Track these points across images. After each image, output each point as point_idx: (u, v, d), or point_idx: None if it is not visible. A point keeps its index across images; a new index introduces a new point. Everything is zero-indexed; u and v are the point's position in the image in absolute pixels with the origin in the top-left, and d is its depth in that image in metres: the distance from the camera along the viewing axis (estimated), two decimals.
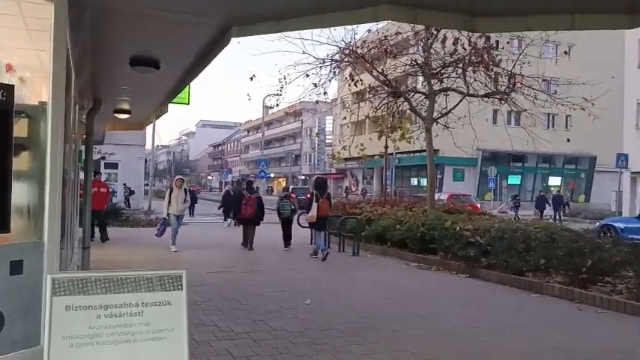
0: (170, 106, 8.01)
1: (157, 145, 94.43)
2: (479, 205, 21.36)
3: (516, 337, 5.73)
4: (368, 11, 3.91)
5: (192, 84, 15.97)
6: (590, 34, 28.21)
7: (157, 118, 9.02)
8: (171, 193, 12.19)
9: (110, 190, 15.58)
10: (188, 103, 20.91)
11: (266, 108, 28.59)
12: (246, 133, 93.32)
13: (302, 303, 6.98)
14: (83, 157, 8.11)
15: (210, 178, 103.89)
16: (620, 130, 29.03)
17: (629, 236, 14.83)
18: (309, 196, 12.68)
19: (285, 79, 14.15)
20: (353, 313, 6.53)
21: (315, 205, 11.47)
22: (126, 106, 8.08)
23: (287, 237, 13.01)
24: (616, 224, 17.60)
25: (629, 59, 29.18)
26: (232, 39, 4.39)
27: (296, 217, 14.18)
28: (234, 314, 6.27)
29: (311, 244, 12.59)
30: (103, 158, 23.20)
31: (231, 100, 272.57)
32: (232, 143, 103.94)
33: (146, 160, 34.27)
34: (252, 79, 14.21)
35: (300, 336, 5.42)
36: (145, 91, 6.88)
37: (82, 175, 7.50)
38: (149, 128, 26.46)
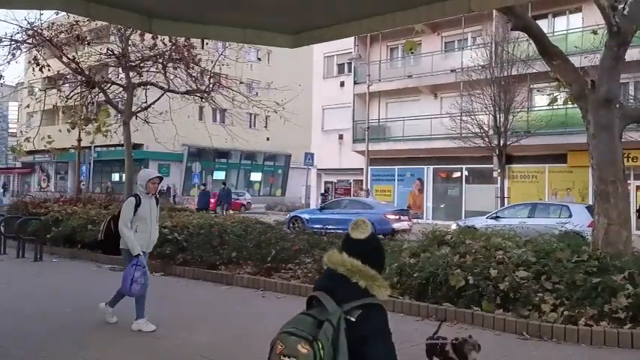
0: None
1: None
2: None
3: (201, 329, 5.95)
4: None
5: None
6: None
7: None
8: (138, 206, 5.96)
9: None
10: None
11: None
12: None
13: None
14: None
15: None
16: (309, 132, 32.91)
17: (313, 226, 16.87)
18: None
19: None
20: (30, 324, 5.86)
21: None
22: None
23: None
24: (302, 215, 19.81)
25: (317, 70, 33.29)
26: None
27: None
28: None
29: None
30: None
31: None
32: None
33: None
34: None
35: None
36: None
37: None
38: None
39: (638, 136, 16.80)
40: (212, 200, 26.26)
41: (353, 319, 2.14)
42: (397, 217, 18.20)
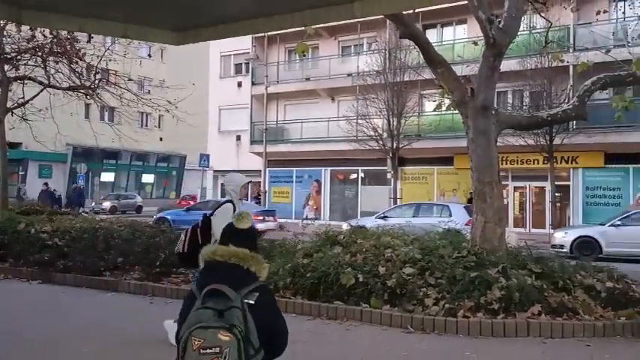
0: None
1: None
2: None
3: (88, 339, 5.62)
4: None
5: None
6: None
7: None
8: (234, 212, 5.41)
9: None
10: None
11: None
12: None
13: None
14: None
15: None
16: (206, 132, 32.22)
17: (179, 227, 16.61)
18: None
19: None
20: None
21: None
22: None
23: None
24: (167, 216, 19.47)
25: (213, 70, 32.71)
26: None
27: None
28: None
29: None
30: None
31: None
32: None
33: None
34: None
35: None
36: None
37: None
38: None
39: (515, 140, 18.24)
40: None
41: (252, 302, 2.26)
42: (262, 217, 18.51)
